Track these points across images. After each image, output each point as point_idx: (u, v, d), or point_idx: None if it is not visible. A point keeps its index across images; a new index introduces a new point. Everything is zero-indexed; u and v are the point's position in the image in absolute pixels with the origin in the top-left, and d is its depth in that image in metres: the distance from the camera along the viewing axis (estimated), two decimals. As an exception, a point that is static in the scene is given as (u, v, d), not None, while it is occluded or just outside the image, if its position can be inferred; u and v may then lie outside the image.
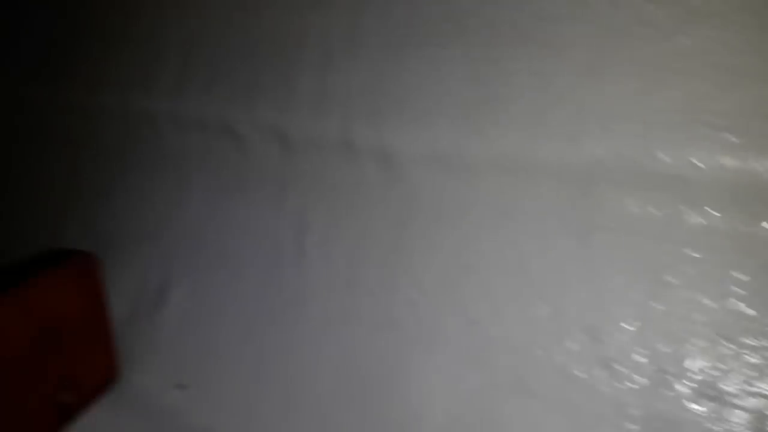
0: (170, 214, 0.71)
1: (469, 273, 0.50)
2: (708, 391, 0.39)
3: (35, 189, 0.86)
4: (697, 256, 0.41)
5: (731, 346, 0.39)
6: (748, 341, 0.39)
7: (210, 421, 0.57)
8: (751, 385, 0.39)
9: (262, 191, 0.65)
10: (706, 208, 0.41)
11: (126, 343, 0.65)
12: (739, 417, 0.38)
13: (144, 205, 0.74)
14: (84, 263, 0.58)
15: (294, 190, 0.63)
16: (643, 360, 0.41)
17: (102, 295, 0.60)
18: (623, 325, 0.43)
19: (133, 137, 0.77)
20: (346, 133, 0.58)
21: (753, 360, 0.39)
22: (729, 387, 0.39)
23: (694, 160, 0.41)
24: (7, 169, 0.91)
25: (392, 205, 0.56)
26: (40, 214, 0.84)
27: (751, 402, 0.38)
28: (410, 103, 0.53)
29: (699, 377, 0.40)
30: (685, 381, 0.40)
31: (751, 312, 0.40)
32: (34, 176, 0.87)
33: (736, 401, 0.38)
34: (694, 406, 0.39)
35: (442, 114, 0.51)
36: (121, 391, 0.62)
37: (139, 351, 0.64)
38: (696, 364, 0.40)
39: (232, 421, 0.56)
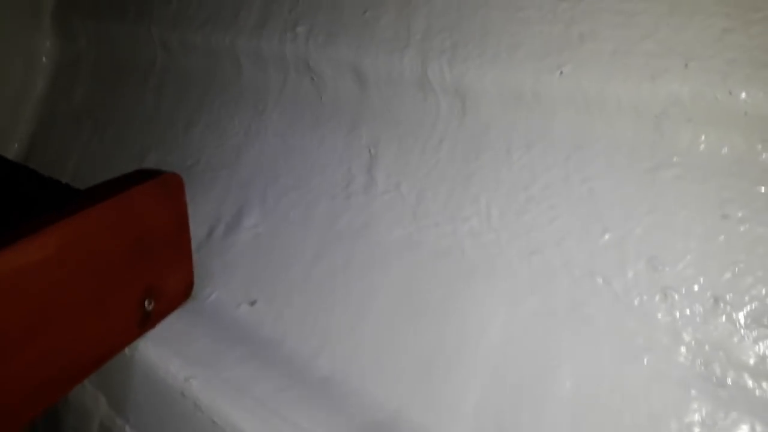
0: (247, 145, 0.76)
1: (535, 204, 0.52)
2: (764, 320, 0.41)
3: (120, 121, 0.92)
4: (767, 192, 0.42)
5: (792, 278, 0.40)
6: (810, 277, 0.40)
7: (277, 333, 0.61)
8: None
9: (336, 125, 0.69)
10: (783, 147, 0.42)
11: (202, 262, 0.70)
12: (793, 346, 0.40)
13: (222, 137, 0.79)
14: (170, 181, 0.63)
15: (367, 124, 0.66)
16: (701, 289, 0.43)
17: (185, 212, 0.65)
18: (684, 255, 0.44)
19: (215, 73, 0.82)
20: (422, 71, 0.60)
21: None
22: (786, 317, 0.40)
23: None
24: (96, 102, 0.98)
25: (463, 140, 0.58)
26: (123, 144, 0.91)
27: (808, 335, 0.40)
28: (488, 41, 0.55)
29: (756, 307, 0.41)
30: (741, 310, 0.41)
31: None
32: (119, 109, 0.93)
33: (792, 329, 0.40)
34: (748, 333, 0.41)
35: (520, 52, 0.53)
36: (195, 304, 0.67)
37: (213, 270, 0.69)
38: (754, 293, 0.41)
39: (298, 333, 0.60)
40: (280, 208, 0.70)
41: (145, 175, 0.60)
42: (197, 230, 0.72)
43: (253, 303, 0.65)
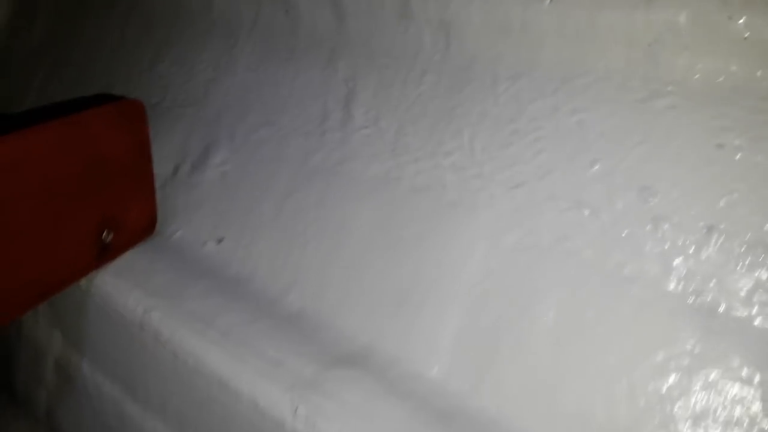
0: (217, 80, 0.72)
1: (520, 137, 0.50)
2: (758, 249, 0.39)
3: (82, 58, 0.87)
4: (765, 119, 0.40)
5: (788, 206, 0.39)
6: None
7: (245, 271, 0.58)
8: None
9: (312, 58, 0.65)
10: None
11: (167, 200, 0.66)
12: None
13: (191, 71, 0.74)
14: (131, 107, 0.59)
15: (344, 57, 0.63)
16: (694, 219, 0.41)
17: (147, 142, 0.61)
18: (676, 185, 0.42)
19: (183, 5, 0.77)
20: (403, 1, 0.57)
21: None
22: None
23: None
24: (56, 39, 0.92)
25: (446, 73, 0.56)
26: (84, 82, 0.85)
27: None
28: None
29: (750, 236, 0.40)
30: (735, 239, 0.40)
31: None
32: (81, 46, 0.88)
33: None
34: (742, 263, 0.39)
35: (509, -23, 0.51)
36: (158, 240, 0.64)
37: (178, 208, 0.66)
38: (749, 222, 0.40)
39: (267, 271, 0.57)
40: (249, 146, 0.66)
41: (103, 99, 0.56)
42: (162, 168, 0.68)
43: (220, 240, 0.61)
